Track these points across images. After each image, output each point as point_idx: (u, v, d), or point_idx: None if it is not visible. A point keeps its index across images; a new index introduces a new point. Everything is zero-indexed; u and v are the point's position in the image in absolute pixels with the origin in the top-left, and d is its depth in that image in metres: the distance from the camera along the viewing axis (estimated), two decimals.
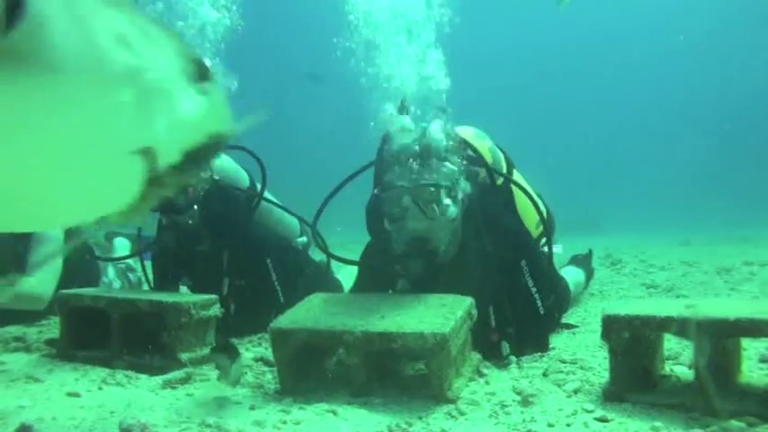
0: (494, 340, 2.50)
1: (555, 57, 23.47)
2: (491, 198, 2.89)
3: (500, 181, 3.04)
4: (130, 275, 4.50)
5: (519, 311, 2.67)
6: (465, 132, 3.08)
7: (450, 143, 2.63)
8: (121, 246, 4.73)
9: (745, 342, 2.14)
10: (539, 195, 3.51)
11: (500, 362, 2.53)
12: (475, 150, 2.95)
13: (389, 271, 2.70)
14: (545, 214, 3.44)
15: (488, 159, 3.01)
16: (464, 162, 2.72)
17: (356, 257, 3.08)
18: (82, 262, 3.94)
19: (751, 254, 6.43)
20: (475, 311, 2.37)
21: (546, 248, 3.08)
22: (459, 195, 2.64)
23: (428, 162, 2.53)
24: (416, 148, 2.55)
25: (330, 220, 3.03)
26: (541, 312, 2.70)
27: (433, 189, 2.53)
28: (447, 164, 2.57)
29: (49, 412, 2.02)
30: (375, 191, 2.76)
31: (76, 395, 2.24)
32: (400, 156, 2.55)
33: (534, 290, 2.70)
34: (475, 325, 2.38)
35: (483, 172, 2.95)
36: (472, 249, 2.71)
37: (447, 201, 2.56)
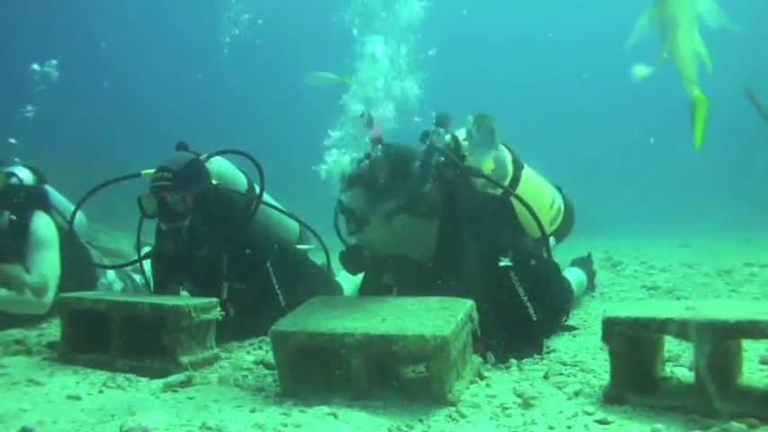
0: (480, 351, 2.51)
1: (556, 56, 23.50)
2: (480, 207, 2.84)
3: (499, 190, 2.98)
4: (136, 277, 4.48)
5: (510, 320, 2.66)
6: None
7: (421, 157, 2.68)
8: None
9: (746, 343, 2.14)
10: (558, 188, 3.50)
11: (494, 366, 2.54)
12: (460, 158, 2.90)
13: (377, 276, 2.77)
14: (560, 210, 3.42)
15: (489, 167, 2.95)
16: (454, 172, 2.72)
17: None
18: (78, 264, 3.94)
19: (751, 255, 6.42)
20: (476, 314, 2.37)
21: (549, 253, 3.03)
22: (403, 206, 2.63)
23: (372, 180, 2.57)
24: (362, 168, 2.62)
25: None
26: (534, 319, 2.69)
27: (363, 205, 2.58)
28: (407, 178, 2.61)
29: (49, 415, 2.02)
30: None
31: (77, 398, 2.25)
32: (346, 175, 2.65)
33: (525, 299, 2.68)
34: None
35: (482, 181, 2.91)
36: (451, 256, 2.71)
37: (395, 213, 2.59)
